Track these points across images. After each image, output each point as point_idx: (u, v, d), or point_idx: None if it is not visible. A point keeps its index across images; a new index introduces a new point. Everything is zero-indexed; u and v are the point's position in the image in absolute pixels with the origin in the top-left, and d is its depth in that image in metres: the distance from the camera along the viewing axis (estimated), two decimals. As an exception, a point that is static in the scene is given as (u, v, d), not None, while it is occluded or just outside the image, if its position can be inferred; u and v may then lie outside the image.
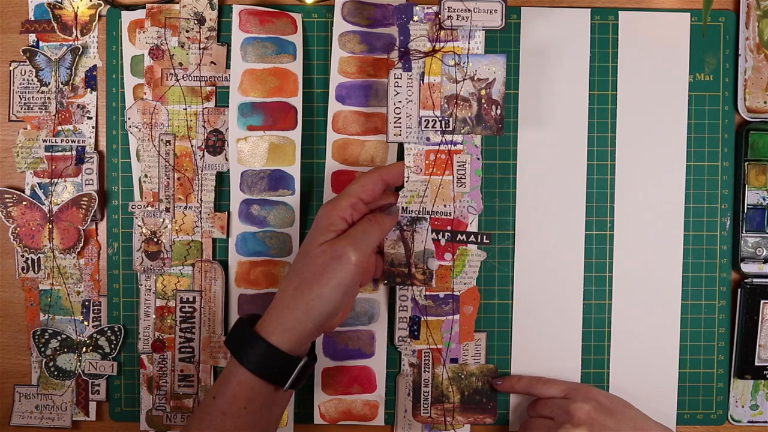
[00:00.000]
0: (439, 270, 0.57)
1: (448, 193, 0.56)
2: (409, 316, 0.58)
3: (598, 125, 0.62)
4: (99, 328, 0.62)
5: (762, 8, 0.61)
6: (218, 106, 0.61)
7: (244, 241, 0.61)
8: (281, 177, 0.61)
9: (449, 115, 0.55)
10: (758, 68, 0.62)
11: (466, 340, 0.59)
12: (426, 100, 0.55)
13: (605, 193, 0.63)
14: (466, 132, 0.55)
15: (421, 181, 0.56)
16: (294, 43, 0.61)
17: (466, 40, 0.55)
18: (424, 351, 0.59)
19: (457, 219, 0.56)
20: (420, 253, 0.57)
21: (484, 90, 0.55)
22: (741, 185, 0.62)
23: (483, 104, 0.55)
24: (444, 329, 0.58)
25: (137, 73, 0.61)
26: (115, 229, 0.62)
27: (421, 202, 0.56)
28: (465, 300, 0.58)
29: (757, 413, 0.63)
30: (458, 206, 0.56)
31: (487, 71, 0.55)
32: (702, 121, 0.62)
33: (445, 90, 0.55)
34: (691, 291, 0.63)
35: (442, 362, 0.59)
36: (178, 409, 0.61)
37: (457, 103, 0.55)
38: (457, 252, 0.57)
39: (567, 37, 0.62)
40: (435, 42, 0.55)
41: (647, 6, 0.63)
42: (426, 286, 0.57)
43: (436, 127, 0.55)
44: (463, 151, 0.56)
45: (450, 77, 0.55)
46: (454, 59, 0.55)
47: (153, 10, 0.61)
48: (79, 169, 0.62)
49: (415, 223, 0.56)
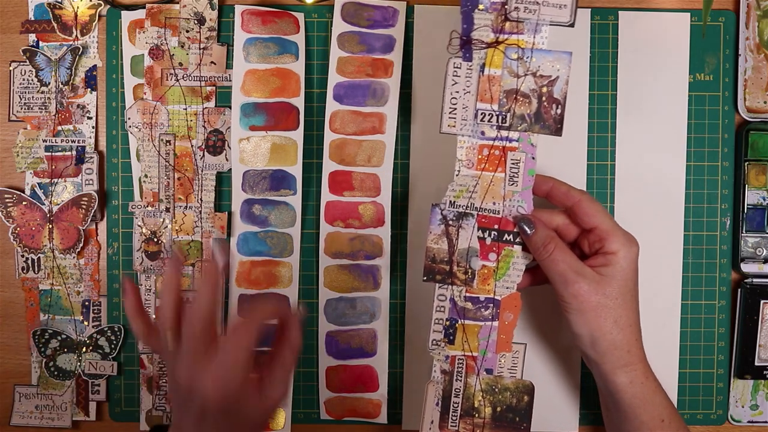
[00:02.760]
0: (482, 270, 0.54)
1: (498, 190, 0.53)
2: (446, 318, 0.55)
3: (598, 125, 0.62)
4: (99, 328, 0.62)
5: (762, 8, 0.62)
6: (218, 106, 0.61)
7: (245, 240, 0.61)
8: (283, 177, 0.61)
9: (507, 111, 0.52)
10: (758, 68, 0.62)
11: (503, 350, 0.55)
12: (484, 92, 0.52)
13: (605, 193, 0.63)
14: (524, 129, 0.53)
15: (471, 176, 0.53)
16: (296, 43, 0.61)
17: (531, 34, 0.52)
18: (458, 358, 0.54)
19: (506, 218, 0.53)
20: (464, 251, 0.54)
21: (546, 87, 0.52)
22: (741, 185, 0.62)
23: (543, 102, 0.52)
24: (481, 336, 0.54)
25: (137, 73, 0.61)
26: (115, 229, 0.62)
27: (470, 198, 0.53)
28: (506, 306, 0.54)
29: (757, 413, 0.63)
30: (508, 205, 0.53)
31: (551, 68, 0.52)
32: (702, 121, 0.62)
33: (505, 84, 0.52)
34: (691, 291, 0.63)
35: (476, 372, 0.55)
36: (178, 410, 0.61)
37: (517, 98, 0.52)
38: (503, 253, 0.54)
39: (568, 37, 0.62)
40: (499, 33, 0.52)
41: (647, 6, 0.63)
42: (467, 286, 0.54)
43: (492, 122, 0.53)
44: (518, 149, 0.53)
45: (511, 71, 0.52)
46: (518, 53, 0.52)
47: (153, 10, 0.61)
48: (79, 169, 0.61)
49: (461, 219, 0.53)
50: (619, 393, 0.52)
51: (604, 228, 0.52)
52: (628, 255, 0.51)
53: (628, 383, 0.52)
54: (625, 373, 0.52)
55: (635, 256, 0.52)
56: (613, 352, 0.51)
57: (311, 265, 0.62)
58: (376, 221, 0.61)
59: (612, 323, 0.51)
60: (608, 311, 0.51)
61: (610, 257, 0.51)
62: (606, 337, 0.51)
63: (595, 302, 0.50)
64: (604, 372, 0.52)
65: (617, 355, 0.51)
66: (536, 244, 0.52)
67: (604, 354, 0.51)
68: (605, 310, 0.51)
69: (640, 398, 0.52)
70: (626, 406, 0.52)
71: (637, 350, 0.52)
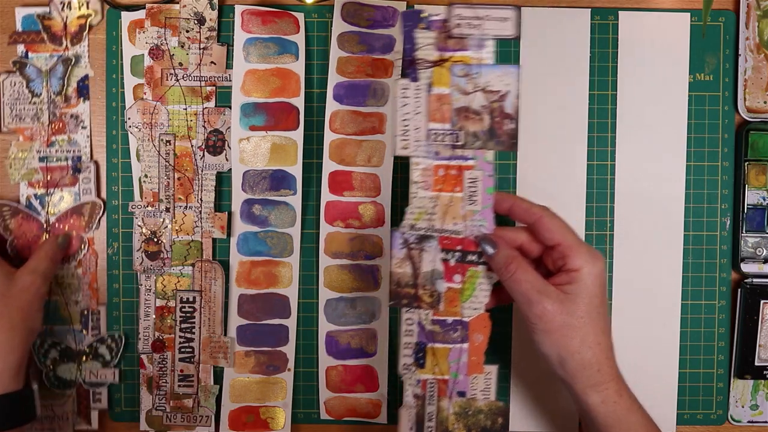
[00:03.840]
0: (448, 292, 0.53)
1: (458, 210, 0.52)
2: (414, 342, 0.54)
3: (598, 125, 0.62)
4: (99, 336, 0.62)
5: (762, 8, 0.62)
6: (218, 106, 0.61)
7: (245, 240, 0.61)
8: (283, 177, 0.61)
9: (459, 129, 0.52)
10: (758, 68, 0.62)
11: (474, 372, 0.54)
12: (435, 112, 0.52)
13: (605, 193, 0.63)
14: (478, 147, 0.52)
15: (429, 198, 0.52)
16: (296, 43, 0.61)
17: (476, 49, 0.52)
18: (430, 381, 0.54)
19: (468, 238, 0.52)
20: (428, 274, 0.53)
21: (497, 103, 0.51)
22: (741, 185, 0.62)
23: (495, 118, 0.51)
24: (451, 358, 0.53)
25: (137, 73, 0.61)
26: (115, 229, 0.62)
27: (430, 220, 0.52)
28: (475, 327, 0.53)
29: (757, 413, 0.63)
30: (469, 225, 0.52)
31: (500, 83, 0.51)
32: (702, 121, 0.62)
33: (455, 102, 0.51)
34: (691, 291, 0.63)
35: (448, 395, 0.54)
36: (178, 409, 0.61)
37: (468, 116, 0.51)
38: (467, 274, 0.53)
39: (567, 37, 0.62)
40: (443, 51, 0.52)
41: (647, 6, 0.63)
42: (433, 309, 0.53)
43: (445, 141, 0.52)
44: (475, 167, 0.52)
45: (460, 88, 0.51)
46: (464, 69, 0.51)
47: (153, 10, 0.61)
48: (75, 179, 0.61)
49: (423, 241, 0.52)
50: (592, 412, 0.50)
51: (566, 244, 0.50)
52: (593, 271, 0.49)
53: (600, 403, 0.50)
54: (596, 393, 0.50)
55: (600, 271, 0.50)
56: (582, 372, 0.49)
57: (311, 265, 0.62)
58: (376, 221, 0.61)
59: (579, 342, 0.49)
60: (575, 330, 0.49)
61: (573, 274, 0.50)
62: (574, 357, 0.49)
63: (560, 322, 0.49)
64: (576, 392, 0.50)
65: (587, 374, 0.49)
66: (498, 264, 0.51)
67: (573, 374, 0.50)
68: (571, 329, 0.49)
69: (614, 418, 0.50)
70: (600, 425, 0.50)
71: (608, 368, 0.50)
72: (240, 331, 0.61)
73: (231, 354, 0.61)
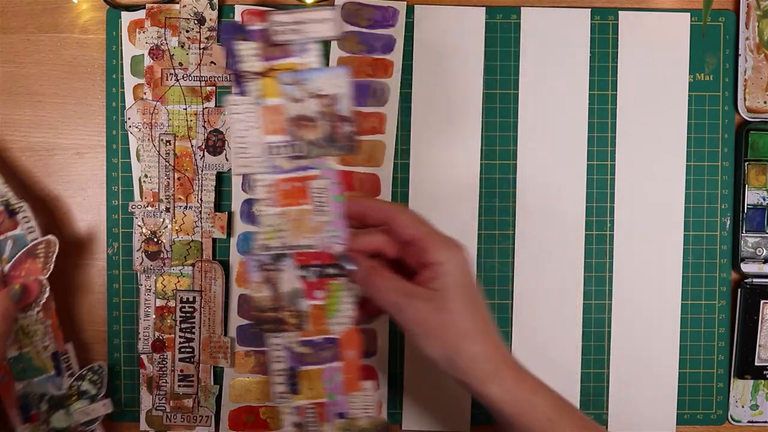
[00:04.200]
0: (313, 310, 0.50)
1: (308, 224, 0.50)
2: (285, 368, 0.51)
3: (598, 125, 0.62)
4: (77, 374, 0.60)
5: (762, 8, 0.62)
6: (218, 106, 0.61)
7: (245, 240, 0.61)
8: (282, 176, 0.61)
9: (298, 139, 0.49)
10: (758, 68, 0.62)
11: (351, 390, 0.51)
12: (269, 124, 0.49)
13: (605, 193, 0.63)
14: (319, 155, 0.49)
15: (277, 214, 0.50)
16: (295, 42, 0.61)
17: (301, 54, 0.49)
18: (307, 407, 0.51)
19: (324, 252, 0.49)
20: (288, 294, 0.50)
21: (331, 107, 0.49)
22: (741, 185, 0.62)
23: (332, 123, 0.49)
24: (326, 379, 0.51)
25: (137, 73, 0.61)
26: (114, 229, 0.62)
27: (282, 237, 0.50)
28: (346, 343, 0.51)
29: (757, 413, 0.63)
30: (322, 237, 0.50)
31: (331, 86, 0.49)
32: (702, 121, 0.62)
33: (288, 111, 0.49)
34: (691, 291, 0.63)
35: (328, 419, 0.51)
36: (178, 409, 0.61)
37: (304, 124, 0.49)
38: (329, 288, 0.50)
39: (567, 37, 0.62)
40: (268, 60, 0.49)
41: (647, 6, 0.63)
42: (300, 330, 0.50)
43: (285, 153, 0.49)
44: (319, 177, 0.50)
45: (291, 97, 0.49)
46: (292, 77, 0.49)
47: (153, 10, 0.61)
48: (14, 221, 0.58)
49: (278, 261, 0.50)
50: (496, 406, 0.47)
51: (422, 237, 0.48)
52: (454, 260, 0.47)
53: (500, 393, 0.47)
54: (494, 385, 0.47)
55: (463, 259, 0.48)
56: (473, 368, 0.47)
57: (311, 265, 0.62)
58: (376, 221, 0.61)
59: (462, 338, 0.47)
60: (453, 326, 0.46)
61: (436, 268, 0.47)
62: (461, 354, 0.47)
63: (436, 321, 0.46)
64: (474, 389, 0.48)
65: (479, 368, 0.47)
66: (360, 279, 0.49)
67: (465, 371, 0.47)
68: (450, 326, 0.46)
69: (519, 404, 0.47)
70: (508, 416, 0.47)
71: (499, 356, 0.48)
72: (240, 331, 0.61)
73: (231, 354, 0.61)
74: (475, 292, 0.48)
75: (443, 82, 0.62)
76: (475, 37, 0.62)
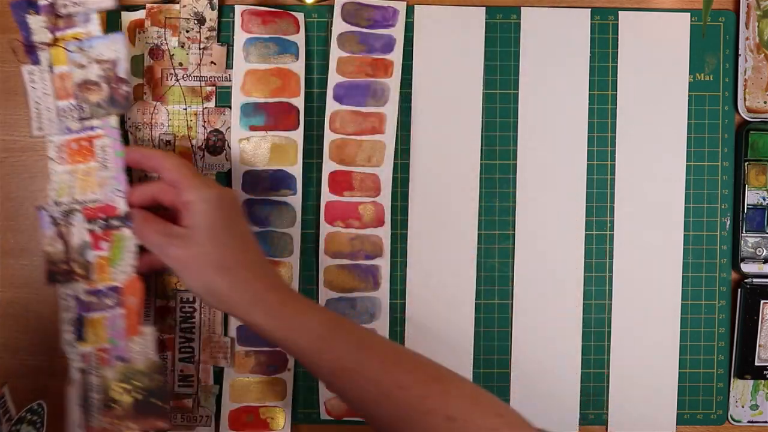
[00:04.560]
0: (98, 261, 0.55)
1: (95, 179, 0.56)
2: (73, 316, 0.55)
3: (598, 125, 0.62)
4: (15, 418, 0.57)
5: (762, 8, 0.62)
6: (218, 106, 0.61)
7: (245, 240, 0.61)
8: (283, 177, 0.61)
9: (84, 102, 0.56)
10: (758, 68, 0.62)
11: (131, 335, 0.55)
12: (60, 90, 0.56)
13: (605, 193, 0.63)
14: (103, 115, 0.56)
15: (67, 172, 0.56)
16: (296, 43, 0.61)
17: (84, 24, 0.56)
18: (92, 353, 0.55)
19: (108, 204, 0.55)
20: (78, 247, 0.55)
21: (111, 71, 0.56)
22: (741, 185, 0.62)
23: (112, 84, 0.56)
24: (109, 326, 0.55)
25: (137, 73, 0.61)
26: (114, 229, 0.62)
27: (71, 194, 0.56)
28: (127, 291, 0.55)
29: (757, 413, 0.63)
30: (106, 191, 0.55)
31: (110, 51, 0.56)
32: (702, 121, 0.62)
33: (75, 77, 0.56)
34: (691, 291, 0.63)
35: (110, 363, 0.55)
36: (178, 409, 0.61)
37: (89, 87, 0.56)
38: (113, 239, 0.55)
39: (567, 37, 0.62)
40: (55, 31, 0.56)
41: (647, 6, 0.63)
42: (87, 281, 0.55)
43: (74, 116, 0.56)
44: (103, 135, 0.56)
45: (76, 63, 0.56)
46: (77, 45, 0.56)
47: (153, 10, 0.61)
48: None
49: (69, 216, 0.55)
50: (266, 331, 0.50)
51: (179, 179, 0.51)
52: (204, 198, 0.50)
53: (265, 318, 0.49)
54: (258, 310, 0.50)
55: (212, 196, 0.51)
56: (232, 296, 0.50)
57: (311, 265, 0.62)
58: (376, 221, 0.61)
59: (217, 269, 0.50)
60: (207, 258, 0.50)
61: (188, 206, 0.50)
62: (217, 284, 0.50)
63: (191, 255, 0.50)
64: (240, 319, 0.51)
65: (237, 297, 0.50)
66: (134, 229, 0.53)
67: (225, 302, 0.50)
68: (204, 258, 0.50)
69: (287, 326, 0.50)
70: (279, 341, 0.50)
71: (258, 282, 0.50)
72: (240, 331, 0.61)
73: (231, 354, 0.61)
74: (227, 225, 0.51)
75: (443, 82, 0.62)
76: (475, 37, 0.62)
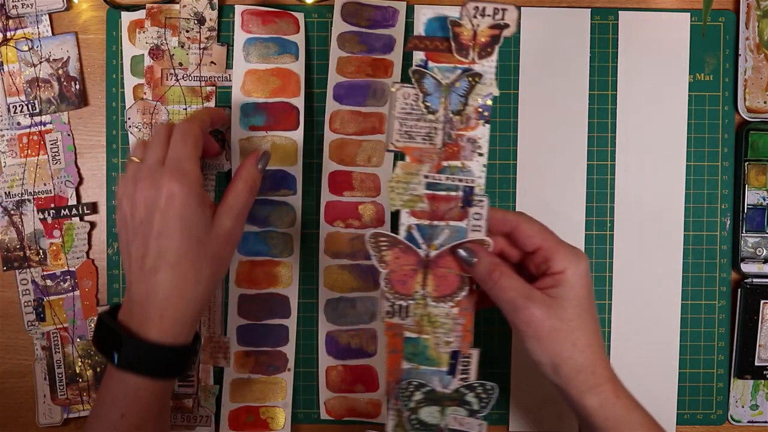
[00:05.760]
0: (51, 248, 0.61)
1: (46, 172, 0.61)
2: (32, 299, 0.62)
3: (598, 125, 0.62)
4: (468, 382, 0.54)
5: (762, 8, 0.62)
6: (218, 106, 0.61)
7: (245, 240, 0.61)
8: (283, 177, 0.61)
9: (34, 98, 0.60)
10: (758, 68, 0.62)
11: (90, 315, 0.62)
12: (10, 87, 0.60)
13: (605, 193, 0.63)
14: (53, 111, 0.61)
15: (18, 165, 0.61)
16: (296, 43, 0.61)
17: (34, 25, 0.60)
18: (52, 332, 0.62)
19: (58, 195, 0.61)
20: (31, 235, 0.61)
21: (61, 69, 0.60)
22: (741, 185, 0.62)
23: (63, 83, 0.60)
24: (67, 307, 0.62)
25: (137, 73, 0.61)
26: (115, 229, 0.62)
27: (23, 185, 0.60)
28: (82, 274, 0.61)
29: (757, 413, 0.63)
30: (57, 183, 0.60)
31: (61, 51, 0.60)
32: (702, 121, 0.62)
33: (25, 75, 0.60)
34: (691, 291, 0.63)
35: (71, 341, 0.62)
36: (178, 409, 0.61)
37: (39, 85, 0.60)
38: (64, 227, 0.61)
39: (567, 37, 0.62)
40: (6, 31, 0.60)
41: (647, 6, 0.63)
42: (42, 266, 0.61)
43: (24, 111, 0.60)
44: (54, 130, 0.61)
45: (27, 62, 0.60)
46: (27, 44, 0.60)
47: (153, 10, 0.61)
48: (465, 213, 0.51)
49: (21, 206, 0.61)
50: (591, 417, 0.49)
51: (547, 247, 0.49)
52: (577, 272, 0.48)
53: (598, 406, 0.49)
54: (593, 396, 0.48)
55: (585, 271, 0.49)
56: (577, 377, 0.48)
57: (311, 265, 0.62)
58: (376, 221, 0.61)
59: (571, 347, 0.48)
60: (565, 335, 0.48)
61: (558, 277, 0.48)
62: (567, 362, 0.48)
63: (549, 327, 0.48)
64: (572, 397, 0.49)
65: (582, 378, 0.48)
66: (481, 273, 0.49)
67: (568, 379, 0.48)
68: (561, 333, 0.48)
69: (614, 420, 0.49)
70: (600, 429, 0.49)
71: (603, 369, 0.49)
72: (240, 331, 0.61)
73: (231, 354, 0.61)
74: (589, 305, 0.49)
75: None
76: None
